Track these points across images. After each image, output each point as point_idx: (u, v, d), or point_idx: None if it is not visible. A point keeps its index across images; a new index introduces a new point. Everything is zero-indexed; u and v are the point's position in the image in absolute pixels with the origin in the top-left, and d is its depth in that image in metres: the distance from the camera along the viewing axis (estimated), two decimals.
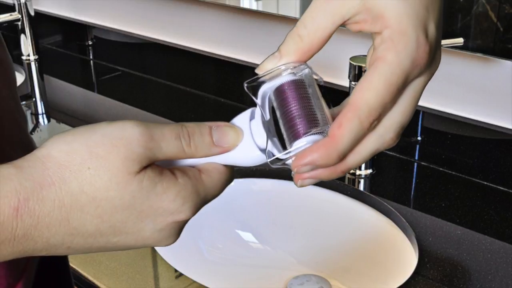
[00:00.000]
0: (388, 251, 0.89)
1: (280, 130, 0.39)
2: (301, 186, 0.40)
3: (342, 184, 0.97)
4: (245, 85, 0.41)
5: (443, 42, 0.96)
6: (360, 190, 0.96)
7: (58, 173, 0.37)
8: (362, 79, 0.38)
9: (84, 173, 0.37)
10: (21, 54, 1.55)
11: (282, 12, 1.16)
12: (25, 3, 1.49)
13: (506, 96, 0.94)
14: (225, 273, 0.92)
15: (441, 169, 1.00)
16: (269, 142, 0.40)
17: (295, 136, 0.38)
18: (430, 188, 0.96)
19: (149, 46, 1.45)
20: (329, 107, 0.40)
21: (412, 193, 0.98)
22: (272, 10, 1.19)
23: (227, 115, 0.43)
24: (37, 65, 1.54)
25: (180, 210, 0.39)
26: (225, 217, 0.97)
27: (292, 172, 0.40)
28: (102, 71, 1.56)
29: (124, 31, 1.49)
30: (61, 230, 0.37)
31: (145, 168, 0.38)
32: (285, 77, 0.39)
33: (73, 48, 1.65)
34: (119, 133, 0.38)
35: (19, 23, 1.51)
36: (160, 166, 0.39)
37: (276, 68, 0.40)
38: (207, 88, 1.34)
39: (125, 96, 1.38)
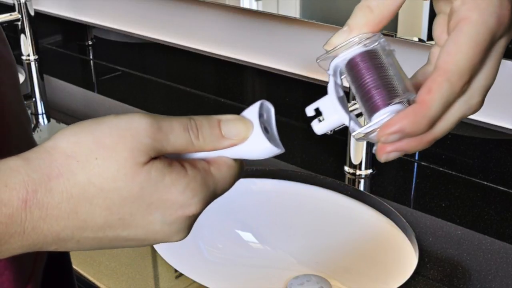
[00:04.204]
0: (388, 251, 0.89)
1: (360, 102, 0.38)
2: (386, 160, 0.39)
3: (342, 184, 0.97)
4: (317, 61, 0.39)
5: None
6: (360, 190, 0.96)
7: (66, 164, 0.36)
8: (447, 43, 0.36)
9: (91, 163, 0.36)
10: (21, 54, 1.55)
11: (282, 12, 1.16)
12: (25, 3, 1.49)
13: (506, 96, 0.94)
14: (225, 273, 0.92)
15: (441, 169, 1.00)
16: (348, 117, 0.39)
17: (374, 109, 0.37)
18: (430, 188, 0.96)
19: (149, 46, 1.45)
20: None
21: (412, 193, 0.98)
22: (272, 10, 1.19)
23: None
24: (37, 65, 1.54)
25: (190, 203, 0.38)
26: (225, 217, 0.97)
27: (374, 148, 0.39)
28: (102, 71, 1.56)
29: (124, 31, 1.49)
30: (70, 223, 0.37)
31: (153, 159, 0.37)
32: (357, 49, 0.38)
33: (73, 48, 1.65)
34: (126, 124, 0.37)
35: (19, 23, 1.51)
36: (169, 158, 0.39)
37: (347, 41, 0.38)
38: (207, 88, 1.34)
39: (125, 96, 1.38)
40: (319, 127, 0.41)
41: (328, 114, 0.40)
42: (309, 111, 0.41)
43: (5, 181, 0.35)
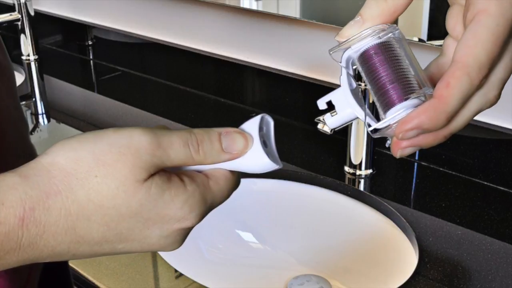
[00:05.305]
0: (388, 251, 0.89)
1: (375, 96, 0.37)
2: (401, 156, 0.38)
3: (342, 184, 0.97)
4: (330, 53, 0.39)
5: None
6: (360, 190, 0.96)
7: (65, 181, 0.36)
8: (465, 35, 0.35)
9: (91, 181, 0.36)
10: (21, 54, 1.55)
11: (282, 12, 1.16)
12: (25, 3, 1.49)
13: (506, 96, 0.94)
14: (225, 273, 0.92)
15: (441, 169, 1.00)
16: (363, 111, 0.38)
17: (390, 103, 0.36)
18: (430, 188, 0.96)
19: (149, 46, 1.45)
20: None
21: (412, 193, 0.98)
22: (272, 10, 1.19)
23: (227, 115, 0.43)
24: (37, 65, 1.54)
25: (187, 218, 0.38)
26: (225, 217, 0.97)
27: (388, 142, 0.38)
28: (102, 71, 1.56)
29: (124, 31, 1.49)
30: (67, 238, 0.37)
31: (152, 175, 0.37)
32: (371, 41, 0.37)
33: (73, 48, 1.65)
34: (126, 141, 0.37)
35: (19, 23, 1.51)
36: (168, 171, 0.39)
37: (360, 33, 0.37)
38: (207, 88, 1.34)
39: (125, 96, 1.38)
40: (332, 121, 0.39)
41: (341, 108, 0.39)
42: (321, 104, 0.40)
43: (1, 199, 0.35)
